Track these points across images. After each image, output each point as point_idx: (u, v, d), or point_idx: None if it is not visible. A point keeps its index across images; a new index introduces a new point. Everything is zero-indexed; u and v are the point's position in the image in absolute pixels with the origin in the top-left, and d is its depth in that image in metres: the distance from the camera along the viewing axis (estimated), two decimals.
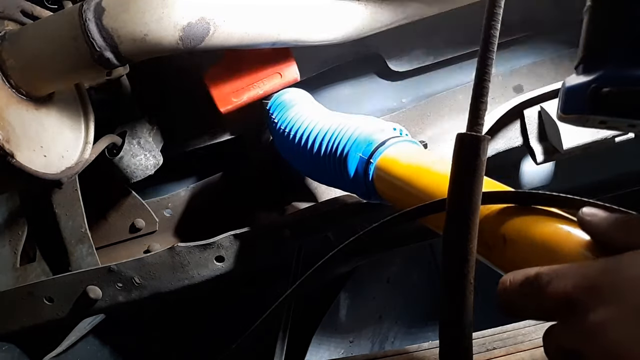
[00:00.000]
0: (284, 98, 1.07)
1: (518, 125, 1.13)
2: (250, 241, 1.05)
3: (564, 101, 0.52)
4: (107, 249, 1.26)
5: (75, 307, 1.07)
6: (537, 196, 0.52)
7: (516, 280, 0.42)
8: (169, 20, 0.80)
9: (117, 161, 1.08)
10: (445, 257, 0.50)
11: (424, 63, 1.21)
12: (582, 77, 0.50)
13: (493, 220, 0.55)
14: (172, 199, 1.28)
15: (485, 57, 0.48)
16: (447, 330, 0.49)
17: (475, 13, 1.11)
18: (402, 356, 0.94)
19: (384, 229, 0.63)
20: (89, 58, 0.80)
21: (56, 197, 1.13)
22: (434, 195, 0.65)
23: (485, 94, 0.49)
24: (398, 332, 1.69)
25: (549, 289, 0.39)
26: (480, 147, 0.49)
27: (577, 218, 0.45)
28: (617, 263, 0.37)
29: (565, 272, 0.39)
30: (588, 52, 0.50)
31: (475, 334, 0.95)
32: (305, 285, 0.71)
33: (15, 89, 0.83)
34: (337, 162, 0.88)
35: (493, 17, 0.48)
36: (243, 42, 0.90)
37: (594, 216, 0.44)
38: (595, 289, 0.36)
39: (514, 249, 0.52)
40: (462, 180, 0.49)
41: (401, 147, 0.82)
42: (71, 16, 0.79)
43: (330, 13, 0.99)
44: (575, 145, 1.03)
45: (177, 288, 1.07)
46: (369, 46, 1.20)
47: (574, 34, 0.51)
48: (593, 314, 0.35)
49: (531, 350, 0.88)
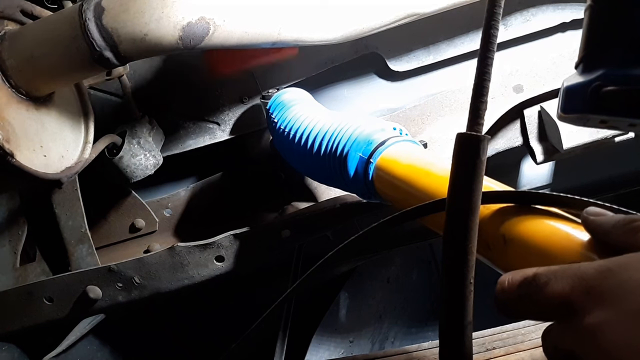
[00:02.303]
0: (284, 98, 1.07)
1: (518, 125, 1.13)
2: (250, 241, 1.05)
3: (564, 101, 0.52)
4: (107, 249, 1.26)
5: (75, 307, 1.07)
6: (537, 196, 0.52)
7: (514, 281, 0.42)
8: (169, 20, 0.80)
9: (117, 161, 1.08)
10: (445, 257, 0.50)
11: (424, 63, 1.21)
12: (582, 76, 0.50)
13: (493, 220, 0.55)
14: (172, 199, 1.28)
15: (485, 57, 0.48)
16: (447, 330, 0.49)
17: (475, 13, 1.12)
18: (402, 356, 0.94)
19: (384, 229, 0.63)
20: (88, 58, 0.80)
21: (56, 197, 1.13)
22: (433, 195, 0.65)
23: (485, 94, 0.49)
24: (398, 332, 1.69)
25: (546, 290, 0.39)
26: (480, 147, 0.49)
27: (581, 217, 0.45)
28: (616, 265, 0.37)
29: (563, 273, 0.39)
30: (588, 52, 0.50)
31: (475, 333, 0.95)
32: (305, 285, 0.70)
33: (15, 89, 0.83)
34: (337, 162, 0.88)
35: (493, 17, 0.48)
36: (243, 41, 0.90)
37: (598, 215, 0.44)
38: (593, 291, 0.36)
39: (514, 249, 0.52)
40: (462, 180, 0.49)
41: (401, 147, 0.82)
42: (71, 16, 0.79)
43: (330, 13, 0.98)
44: (575, 145, 1.03)
45: (177, 288, 1.07)
46: (369, 46, 1.20)
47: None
48: (590, 316, 0.35)
49: (531, 350, 0.88)
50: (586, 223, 0.44)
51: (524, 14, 1.19)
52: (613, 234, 0.41)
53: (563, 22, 1.18)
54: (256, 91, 1.20)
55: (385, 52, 1.20)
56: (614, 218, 0.42)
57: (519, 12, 1.19)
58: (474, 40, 1.20)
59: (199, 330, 1.53)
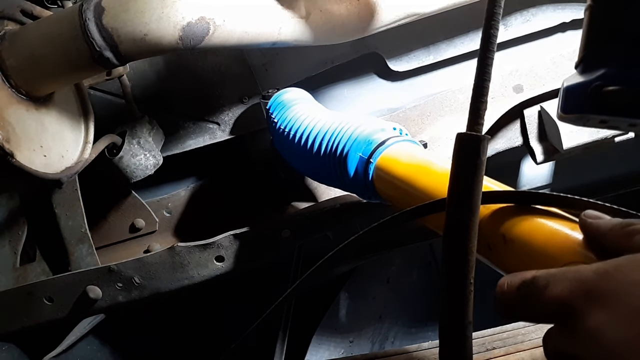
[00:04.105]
0: (284, 98, 1.07)
1: (518, 125, 1.13)
2: (250, 241, 1.05)
3: (564, 100, 0.52)
4: (107, 249, 1.26)
5: (75, 307, 1.07)
6: (537, 196, 0.52)
7: (513, 284, 0.42)
8: (169, 20, 0.80)
9: (117, 161, 1.08)
10: (445, 257, 0.50)
11: (424, 63, 1.21)
12: (583, 76, 0.50)
13: (493, 220, 0.55)
14: (172, 199, 1.28)
15: (485, 57, 0.48)
16: (447, 330, 0.49)
17: (475, 13, 1.12)
18: (402, 356, 0.94)
19: (384, 229, 0.63)
20: (88, 58, 0.80)
21: (56, 197, 1.13)
22: (433, 195, 0.65)
23: (485, 94, 0.49)
24: (398, 332, 1.69)
25: (545, 293, 0.39)
26: (480, 147, 0.49)
27: (579, 220, 0.45)
28: (613, 267, 0.37)
29: (562, 276, 0.39)
30: (588, 51, 0.50)
31: (475, 333, 0.95)
32: (305, 285, 0.70)
33: (15, 89, 0.83)
34: (337, 162, 0.88)
35: (493, 17, 0.48)
36: (243, 41, 0.90)
37: (596, 218, 0.44)
38: (592, 293, 0.36)
39: (514, 249, 0.52)
40: (462, 180, 0.49)
41: (401, 147, 0.82)
42: (71, 16, 0.79)
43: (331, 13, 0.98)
44: (575, 145, 1.03)
45: (177, 288, 1.07)
46: (369, 46, 1.20)
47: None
48: (589, 318, 0.35)
49: (531, 350, 0.88)
50: (584, 226, 0.45)
51: (524, 14, 1.19)
52: (610, 237, 0.42)
53: (563, 22, 1.18)
54: (256, 91, 1.20)
55: (385, 52, 1.20)
56: (611, 222, 0.43)
57: (519, 12, 1.19)
58: (474, 40, 1.20)
59: (199, 330, 1.53)
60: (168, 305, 1.40)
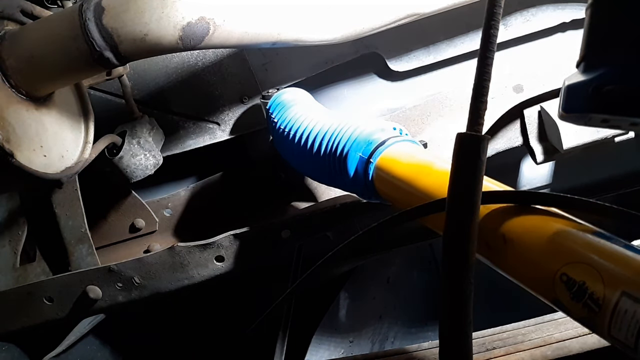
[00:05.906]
0: (283, 98, 1.07)
1: (518, 125, 1.13)
2: (250, 241, 1.05)
3: (565, 100, 0.52)
4: (107, 249, 1.26)
5: (75, 307, 1.07)
6: (537, 196, 0.52)
7: None
8: (169, 20, 0.80)
9: (117, 161, 1.08)
10: (445, 257, 0.50)
11: (424, 63, 1.21)
12: (584, 75, 0.49)
13: (493, 220, 0.55)
14: (172, 199, 1.28)
15: (485, 57, 0.48)
16: (447, 330, 0.49)
17: (475, 13, 1.12)
18: (402, 356, 0.94)
19: (384, 229, 0.63)
20: (88, 58, 0.80)
21: (56, 197, 1.13)
22: (433, 195, 0.65)
23: (485, 94, 0.49)
24: (398, 332, 1.69)
25: None
26: (480, 147, 0.49)
27: None
28: None
29: None
30: (590, 50, 0.50)
31: (475, 333, 0.95)
32: (305, 285, 0.71)
33: (15, 89, 0.83)
34: (337, 162, 0.88)
35: (493, 17, 0.48)
36: (243, 41, 0.90)
37: None
38: None
39: (514, 249, 0.52)
40: (462, 180, 0.49)
41: (401, 147, 0.82)
42: (71, 16, 0.79)
43: (330, 13, 0.98)
44: (575, 145, 1.03)
45: (177, 288, 1.07)
46: (369, 46, 1.20)
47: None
48: None
49: (531, 350, 0.88)
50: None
51: (524, 14, 1.19)
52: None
53: (563, 22, 1.18)
54: (256, 91, 1.20)
55: (385, 52, 1.20)
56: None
57: (519, 12, 1.19)
58: (474, 40, 1.20)
59: (199, 330, 1.53)
60: (168, 305, 1.40)
